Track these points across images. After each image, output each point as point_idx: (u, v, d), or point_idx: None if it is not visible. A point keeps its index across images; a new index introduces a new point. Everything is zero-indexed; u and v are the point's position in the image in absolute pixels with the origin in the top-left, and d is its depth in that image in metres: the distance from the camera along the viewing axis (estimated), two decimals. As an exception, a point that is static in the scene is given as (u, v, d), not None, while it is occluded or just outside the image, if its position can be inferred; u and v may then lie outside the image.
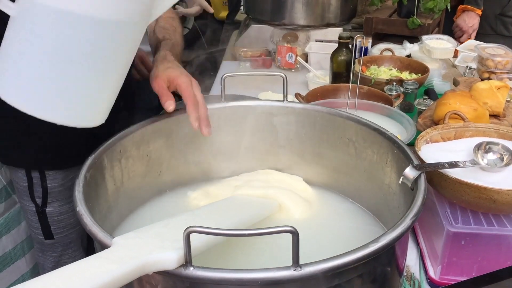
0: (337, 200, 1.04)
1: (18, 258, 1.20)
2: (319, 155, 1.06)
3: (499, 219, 0.94)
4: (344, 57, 1.74)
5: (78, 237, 1.30)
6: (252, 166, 1.10)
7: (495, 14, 2.62)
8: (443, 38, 2.15)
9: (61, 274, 0.55)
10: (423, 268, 1.00)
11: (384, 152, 0.93)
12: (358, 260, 0.61)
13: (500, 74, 1.69)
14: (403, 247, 0.78)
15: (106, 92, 0.82)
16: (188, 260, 0.58)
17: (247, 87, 1.77)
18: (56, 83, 0.75)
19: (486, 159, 0.94)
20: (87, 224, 0.69)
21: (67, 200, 1.25)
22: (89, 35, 0.73)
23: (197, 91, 0.97)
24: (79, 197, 0.74)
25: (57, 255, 1.30)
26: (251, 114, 1.06)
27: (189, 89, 0.95)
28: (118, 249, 0.62)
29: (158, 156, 1.00)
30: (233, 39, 2.58)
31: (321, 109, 1.04)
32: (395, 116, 1.37)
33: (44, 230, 1.26)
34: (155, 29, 1.24)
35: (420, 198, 0.74)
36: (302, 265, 0.58)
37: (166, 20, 1.27)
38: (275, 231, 0.56)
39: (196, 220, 0.80)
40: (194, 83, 0.98)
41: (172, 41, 1.17)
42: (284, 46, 2.12)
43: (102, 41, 0.75)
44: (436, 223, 0.97)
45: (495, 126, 1.09)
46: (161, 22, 1.26)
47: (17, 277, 1.19)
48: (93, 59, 0.76)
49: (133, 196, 0.98)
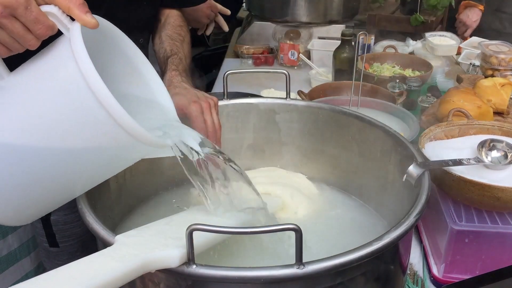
0: (340, 197, 1.04)
1: (24, 257, 1.20)
2: (322, 152, 1.06)
3: (503, 217, 0.93)
4: (347, 54, 1.74)
5: (84, 247, 1.27)
6: (255, 163, 1.10)
7: (492, 10, 2.62)
8: (446, 35, 2.14)
9: (64, 272, 0.55)
10: (426, 266, 1.00)
11: (387, 149, 0.92)
12: (361, 258, 0.61)
13: (503, 71, 1.68)
14: (407, 245, 0.78)
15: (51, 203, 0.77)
16: (191, 258, 0.58)
17: (249, 84, 1.77)
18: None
19: (490, 156, 0.94)
20: (89, 222, 0.69)
21: (72, 210, 1.22)
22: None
23: (208, 115, 0.94)
24: (82, 195, 0.74)
25: (62, 264, 1.28)
26: (253, 111, 1.06)
27: (199, 119, 0.92)
28: (121, 247, 0.62)
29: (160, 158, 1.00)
30: (235, 36, 2.57)
31: (324, 106, 1.04)
32: (398, 113, 1.37)
33: (48, 238, 1.23)
34: (162, 37, 1.21)
35: (424, 196, 0.73)
36: (305, 263, 0.58)
37: (174, 28, 1.23)
38: (278, 228, 0.56)
39: (198, 217, 0.80)
40: (205, 108, 0.94)
41: (179, 55, 1.14)
42: (286, 44, 2.11)
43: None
44: (439, 221, 0.96)
45: (499, 123, 1.08)
46: (168, 30, 1.22)
47: (21, 276, 1.19)
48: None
49: (136, 193, 0.98)
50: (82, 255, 0.59)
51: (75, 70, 0.61)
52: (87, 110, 0.63)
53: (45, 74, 0.65)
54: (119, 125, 0.63)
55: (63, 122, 0.64)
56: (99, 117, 0.63)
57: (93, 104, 0.62)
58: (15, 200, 0.70)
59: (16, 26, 0.62)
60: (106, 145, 0.66)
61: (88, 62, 0.61)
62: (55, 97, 0.64)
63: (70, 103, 0.63)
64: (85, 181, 0.73)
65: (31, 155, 0.65)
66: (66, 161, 0.67)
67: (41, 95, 0.65)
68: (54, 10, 0.64)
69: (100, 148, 0.66)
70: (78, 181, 0.72)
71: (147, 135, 0.65)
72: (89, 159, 0.68)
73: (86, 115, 0.63)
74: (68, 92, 0.63)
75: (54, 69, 0.65)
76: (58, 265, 0.56)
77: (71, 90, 0.62)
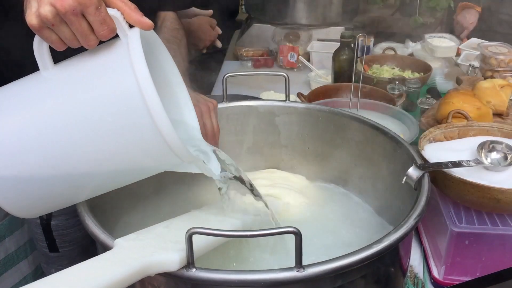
0: (340, 199, 1.04)
1: (21, 260, 1.19)
2: (321, 154, 1.06)
3: (503, 219, 0.93)
4: (346, 56, 1.74)
5: (84, 251, 1.26)
6: (255, 166, 1.10)
7: (490, 11, 2.62)
8: (445, 37, 2.14)
9: (63, 276, 0.55)
10: (426, 268, 1.00)
11: (387, 151, 0.92)
12: (361, 260, 0.61)
13: (503, 73, 1.68)
14: (407, 247, 0.78)
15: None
16: (191, 262, 0.58)
17: (249, 86, 1.77)
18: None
19: (490, 158, 0.93)
20: (89, 226, 0.68)
21: (73, 214, 1.20)
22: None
23: (207, 118, 0.94)
24: (81, 198, 0.74)
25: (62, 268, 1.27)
26: (253, 114, 1.06)
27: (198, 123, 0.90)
28: (120, 250, 0.61)
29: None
30: (234, 38, 2.57)
31: (323, 108, 1.04)
32: (397, 115, 1.37)
33: (48, 243, 1.22)
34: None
35: (424, 198, 0.73)
36: (305, 266, 0.58)
37: (171, 31, 1.23)
38: (278, 232, 0.56)
39: (198, 220, 0.80)
40: (204, 111, 0.94)
41: (177, 59, 1.12)
42: (286, 46, 2.11)
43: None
44: (439, 223, 0.96)
45: (499, 125, 1.08)
46: (165, 33, 1.21)
47: (20, 279, 1.19)
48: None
49: (135, 193, 0.97)
50: (82, 259, 0.58)
51: (132, 81, 0.61)
52: (134, 118, 0.63)
53: (96, 75, 0.65)
54: (166, 141, 0.63)
55: (104, 124, 0.64)
56: (145, 127, 0.63)
57: (143, 115, 0.62)
58: (34, 193, 0.70)
59: (83, 25, 0.62)
60: (142, 154, 0.67)
61: (148, 77, 0.61)
62: (103, 99, 0.64)
63: (117, 109, 0.63)
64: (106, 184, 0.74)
65: (62, 150, 0.65)
66: (96, 162, 0.67)
67: (88, 94, 0.65)
68: (117, 14, 0.64)
69: (136, 155, 0.67)
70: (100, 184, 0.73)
71: (187, 151, 0.66)
72: (121, 164, 0.68)
73: (132, 122, 0.63)
74: (118, 98, 0.63)
75: (108, 72, 0.65)
76: (58, 270, 0.56)
77: (123, 97, 0.63)
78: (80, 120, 0.64)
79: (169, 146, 0.64)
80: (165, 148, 0.64)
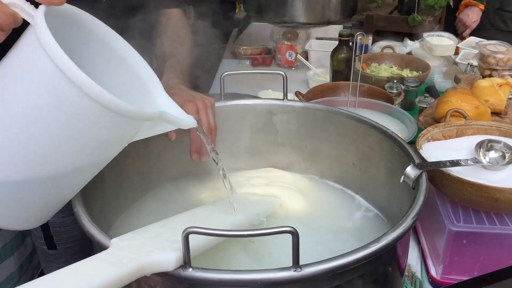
0: (338, 198, 1.04)
1: (8, 257, 1.18)
2: (319, 153, 1.06)
3: (501, 218, 0.93)
4: (345, 55, 1.74)
5: (83, 250, 1.26)
6: (253, 165, 1.09)
7: (494, 9, 2.62)
8: (444, 35, 2.14)
9: (58, 276, 0.55)
10: (424, 267, 1.00)
11: (385, 150, 0.92)
12: (359, 260, 0.61)
13: (501, 71, 1.68)
14: (405, 247, 0.78)
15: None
16: (187, 261, 0.58)
17: (247, 85, 1.76)
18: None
19: (488, 157, 0.93)
20: (85, 225, 0.68)
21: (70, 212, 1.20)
22: None
23: (204, 115, 0.93)
24: (77, 196, 0.74)
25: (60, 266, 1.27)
26: (251, 112, 1.05)
27: None
28: (116, 250, 0.61)
29: (158, 154, 0.99)
30: (233, 37, 2.57)
31: (322, 107, 1.03)
32: (396, 114, 1.37)
33: (46, 240, 1.22)
34: (163, 39, 1.19)
35: (422, 197, 0.73)
36: (302, 266, 0.57)
37: (175, 29, 1.22)
38: (275, 231, 0.55)
39: (194, 220, 0.80)
40: (201, 107, 0.93)
41: (178, 58, 1.12)
42: (284, 44, 2.11)
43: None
44: (437, 222, 0.96)
45: (497, 124, 1.08)
46: (169, 32, 1.21)
47: (6, 276, 1.17)
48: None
49: (131, 192, 0.98)
50: (80, 258, 0.58)
51: (43, 55, 0.59)
52: (59, 90, 0.61)
53: (16, 63, 0.64)
54: (88, 95, 0.60)
55: (39, 108, 0.62)
56: (71, 95, 0.60)
57: (62, 82, 0.60)
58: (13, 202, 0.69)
59: None
60: (89, 127, 0.64)
61: (48, 35, 0.59)
62: (30, 86, 0.62)
63: (42, 87, 0.61)
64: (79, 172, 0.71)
65: (13, 145, 0.64)
66: (52, 150, 0.65)
67: (16, 86, 0.63)
68: (17, 1, 0.63)
69: (85, 131, 0.64)
70: (71, 175, 0.70)
71: (123, 103, 0.63)
72: (77, 145, 0.66)
73: (60, 96, 0.61)
74: (38, 75, 0.61)
75: (23, 55, 0.63)
76: (56, 268, 0.55)
77: (41, 72, 0.61)
78: (18, 116, 0.63)
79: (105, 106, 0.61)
80: (105, 111, 0.62)
